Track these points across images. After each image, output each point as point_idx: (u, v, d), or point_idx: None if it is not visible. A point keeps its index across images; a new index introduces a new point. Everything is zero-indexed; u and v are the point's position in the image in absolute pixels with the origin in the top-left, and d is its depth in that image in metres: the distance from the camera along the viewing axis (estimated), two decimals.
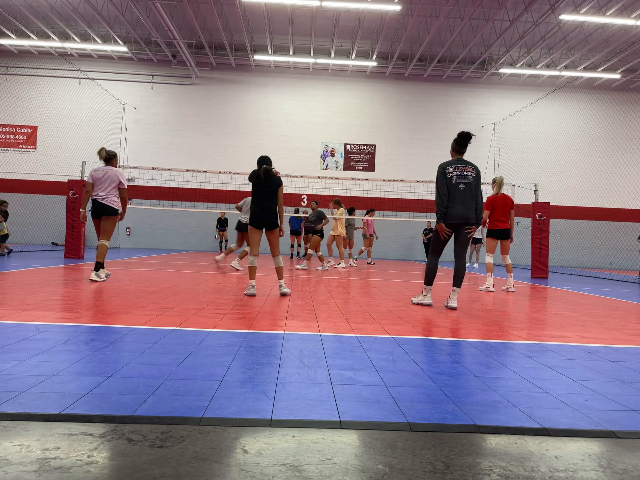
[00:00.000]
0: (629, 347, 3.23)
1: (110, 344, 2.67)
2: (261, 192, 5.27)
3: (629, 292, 7.80)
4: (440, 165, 4.92)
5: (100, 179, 6.30)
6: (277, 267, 5.41)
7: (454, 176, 4.83)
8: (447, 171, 4.85)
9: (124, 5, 15.56)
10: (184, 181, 18.88)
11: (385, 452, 1.44)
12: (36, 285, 5.15)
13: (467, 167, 4.87)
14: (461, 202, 4.80)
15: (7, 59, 18.84)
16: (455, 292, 4.90)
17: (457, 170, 4.85)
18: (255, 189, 5.30)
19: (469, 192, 4.83)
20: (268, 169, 5.26)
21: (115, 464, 1.30)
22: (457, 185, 4.82)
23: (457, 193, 4.81)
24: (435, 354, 2.77)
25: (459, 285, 4.91)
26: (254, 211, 5.29)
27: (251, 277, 5.29)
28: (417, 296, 5.23)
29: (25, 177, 18.59)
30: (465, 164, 4.89)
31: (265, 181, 5.26)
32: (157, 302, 4.38)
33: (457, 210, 4.80)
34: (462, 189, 4.81)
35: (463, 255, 4.95)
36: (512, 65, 18.44)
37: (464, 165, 4.87)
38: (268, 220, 5.29)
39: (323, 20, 16.27)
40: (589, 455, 1.48)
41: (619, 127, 19.92)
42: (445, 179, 4.83)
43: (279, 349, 2.71)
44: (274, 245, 5.40)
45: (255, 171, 5.31)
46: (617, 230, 19.02)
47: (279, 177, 5.36)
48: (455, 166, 4.86)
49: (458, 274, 4.93)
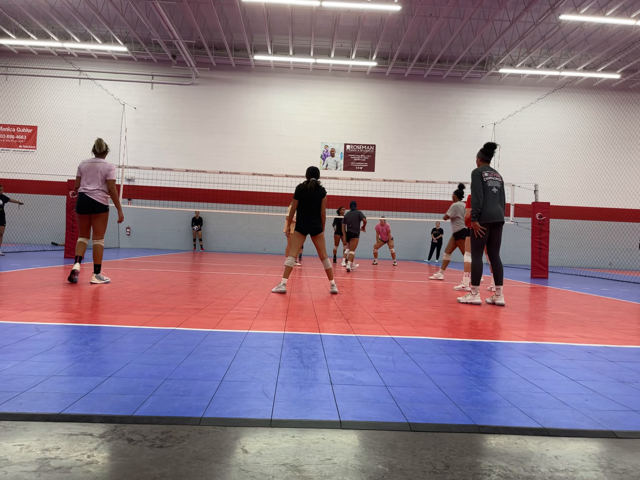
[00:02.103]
0: (629, 347, 3.23)
1: (110, 344, 2.67)
2: (309, 202, 5.71)
3: (629, 292, 7.80)
4: (476, 170, 5.43)
5: (88, 171, 5.77)
6: (327, 269, 5.84)
7: (489, 180, 5.38)
8: (483, 175, 5.37)
9: (124, 5, 15.56)
10: (183, 181, 18.88)
11: (385, 452, 1.44)
12: (36, 285, 5.15)
13: (496, 174, 5.49)
14: (496, 203, 5.35)
15: (7, 59, 18.83)
16: (499, 290, 5.33)
17: (490, 175, 5.41)
18: (303, 200, 5.73)
19: (500, 195, 5.43)
20: (318, 182, 5.75)
21: (115, 464, 1.30)
22: (491, 189, 5.37)
23: (490, 195, 5.35)
24: (435, 354, 2.77)
25: (501, 283, 5.36)
26: (301, 219, 5.74)
27: (285, 275, 5.65)
28: (466, 296, 5.47)
29: (25, 177, 18.59)
30: (494, 171, 5.49)
31: (314, 193, 5.72)
32: (156, 302, 4.38)
33: (493, 211, 5.32)
34: (495, 192, 5.38)
35: (498, 255, 5.48)
36: (512, 65, 18.44)
37: (494, 172, 5.48)
38: (315, 226, 5.74)
39: (323, 20, 16.27)
40: (589, 455, 1.48)
41: (619, 127, 19.91)
42: (482, 182, 5.35)
43: (279, 349, 2.71)
44: (321, 249, 5.86)
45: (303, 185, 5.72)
46: (617, 230, 19.02)
47: (323, 187, 5.82)
48: (488, 172, 5.42)
49: (498, 273, 5.40)
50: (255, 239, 19.34)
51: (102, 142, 5.96)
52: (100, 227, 5.86)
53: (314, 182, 5.73)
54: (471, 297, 5.37)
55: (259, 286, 6.24)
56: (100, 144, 5.94)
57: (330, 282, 5.84)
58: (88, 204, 5.76)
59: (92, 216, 5.85)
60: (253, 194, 18.98)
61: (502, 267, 5.45)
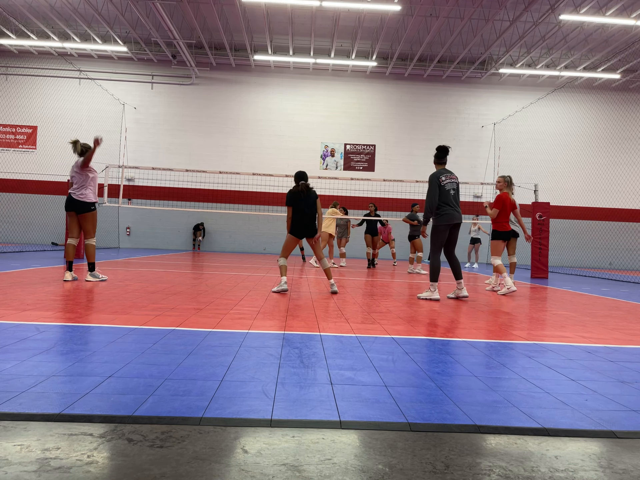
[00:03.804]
0: (629, 347, 3.23)
1: (110, 344, 2.67)
2: (303, 205, 5.75)
3: (629, 292, 7.80)
4: (433, 174, 5.67)
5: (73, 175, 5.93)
6: (325, 270, 5.90)
7: (447, 183, 5.65)
8: (441, 180, 5.64)
9: (124, 5, 15.56)
10: (183, 181, 18.88)
11: (385, 452, 1.44)
12: (36, 285, 5.15)
13: (452, 176, 5.74)
14: (456, 205, 5.63)
15: (7, 59, 18.84)
16: (461, 283, 5.67)
17: (447, 178, 5.67)
18: (297, 204, 5.76)
19: (456, 196, 5.71)
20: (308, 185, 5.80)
21: (115, 464, 1.30)
22: (449, 192, 5.63)
23: (450, 198, 5.61)
24: (435, 354, 2.77)
25: (461, 277, 5.71)
26: (297, 223, 5.77)
27: (283, 274, 5.69)
28: (424, 292, 5.69)
29: (25, 177, 18.59)
30: (451, 173, 5.75)
31: (306, 196, 5.77)
32: (156, 302, 4.38)
33: (455, 213, 5.59)
34: (453, 194, 5.65)
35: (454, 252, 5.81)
36: (512, 65, 18.44)
37: (451, 174, 5.74)
38: (311, 230, 5.82)
39: (323, 20, 16.27)
40: (589, 455, 1.48)
41: (619, 127, 19.91)
42: (439, 187, 5.61)
43: (279, 349, 2.71)
44: (318, 250, 5.99)
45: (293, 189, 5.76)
46: (617, 230, 19.01)
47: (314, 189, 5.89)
48: (445, 175, 5.69)
49: (457, 269, 5.74)
50: (255, 238, 19.35)
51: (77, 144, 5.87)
52: (88, 227, 5.98)
53: (304, 184, 5.75)
54: (429, 293, 5.54)
55: (259, 286, 6.24)
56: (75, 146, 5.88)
57: (330, 282, 5.85)
58: (71, 202, 5.92)
59: (79, 217, 5.96)
60: (253, 194, 18.98)
61: (459, 263, 5.82)
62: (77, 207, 5.87)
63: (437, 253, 5.67)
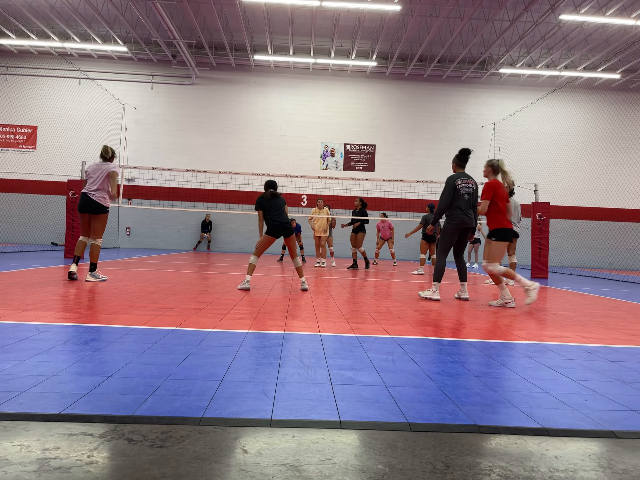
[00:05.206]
0: (629, 347, 3.23)
1: (110, 344, 2.67)
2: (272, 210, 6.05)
3: (629, 292, 7.80)
4: (450, 177, 5.65)
5: (94, 172, 6.00)
6: (297, 268, 6.12)
7: (462, 187, 5.60)
8: (457, 183, 5.59)
9: (124, 5, 15.55)
10: (183, 181, 18.87)
11: (385, 452, 1.44)
12: (36, 285, 5.15)
13: (470, 181, 5.68)
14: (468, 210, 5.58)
15: (7, 59, 18.83)
16: (464, 285, 5.68)
17: (464, 182, 5.62)
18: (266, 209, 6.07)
19: (471, 200, 5.65)
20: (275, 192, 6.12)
21: (115, 464, 1.30)
22: (463, 196, 5.57)
23: (463, 202, 5.56)
24: (435, 354, 2.77)
25: (465, 279, 5.72)
26: (274, 224, 6.01)
27: (249, 272, 5.92)
28: (426, 290, 5.72)
29: (25, 177, 18.58)
30: (469, 178, 5.69)
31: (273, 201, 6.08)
32: (156, 302, 4.38)
33: (466, 217, 5.56)
34: (467, 198, 5.59)
35: (462, 255, 5.85)
36: (512, 65, 18.44)
37: (468, 179, 5.68)
38: (287, 228, 6.03)
39: (323, 20, 16.27)
40: (589, 455, 1.48)
41: (619, 127, 19.90)
42: (455, 190, 5.57)
43: (279, 349, 2.71)
44: (293, 249, 6.14)
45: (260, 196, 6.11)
46: (617, 230, 19.00)
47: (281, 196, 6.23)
48: (462, 179, 5.63)
49: (462, 270, 5.76)
50: (255, 238, 19.30)
51: (108, 148, 6.22)
52: (98, 228, 6.04)
53: (270, 192, 6.10)
54: (431, 292, 5.57)
55: (259, 286, 6.24)
56: (107, 150, 6.19)
57: (301, 280, 6.07)
58: (88, 204, 5.96)
59: (91, 216, 6.04)
60: (253, 194, 18.97)
61: (466, 266, 5.85)
62: (93, 207, 5.97)
63: (444, 254, 5.69)
